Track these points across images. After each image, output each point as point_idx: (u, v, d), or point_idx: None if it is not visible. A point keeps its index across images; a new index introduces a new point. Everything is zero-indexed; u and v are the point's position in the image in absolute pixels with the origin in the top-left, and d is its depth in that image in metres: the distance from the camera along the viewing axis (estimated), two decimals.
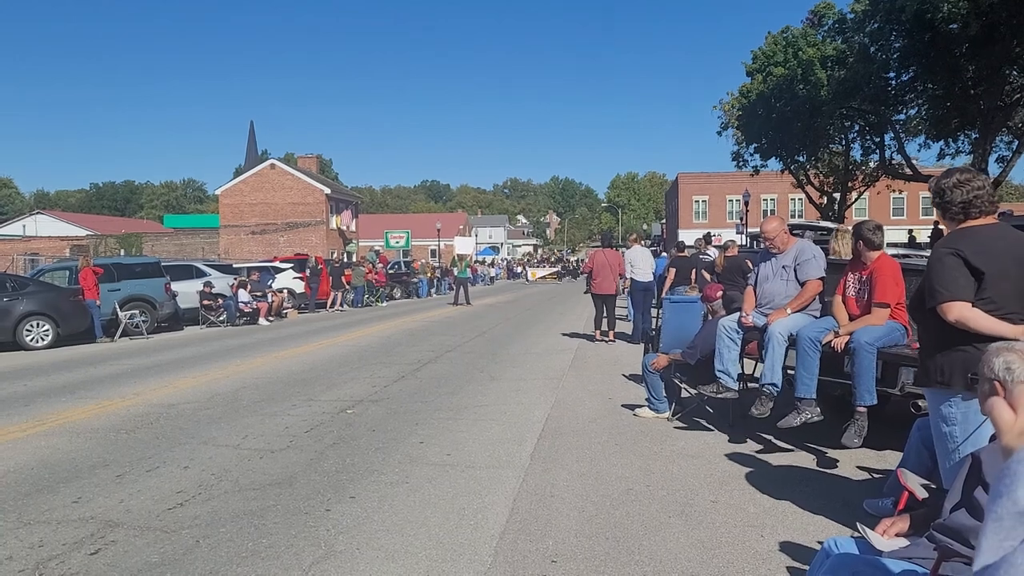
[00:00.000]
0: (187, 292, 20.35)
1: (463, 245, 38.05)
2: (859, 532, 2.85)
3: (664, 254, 19.80)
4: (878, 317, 5.43)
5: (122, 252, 42.91)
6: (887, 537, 2.72)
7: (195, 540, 4.33)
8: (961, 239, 3.46)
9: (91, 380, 10.71)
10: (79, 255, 19.13)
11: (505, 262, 78.87)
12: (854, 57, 25.33)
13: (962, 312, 3.36)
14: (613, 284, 14.01)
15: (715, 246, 15.25)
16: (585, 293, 15.06)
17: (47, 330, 15.68)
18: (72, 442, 6.84)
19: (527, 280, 55.02)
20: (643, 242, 19.19)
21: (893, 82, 25.44)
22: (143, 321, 17.79)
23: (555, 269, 59.40)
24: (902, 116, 29.44)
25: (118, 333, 16.94)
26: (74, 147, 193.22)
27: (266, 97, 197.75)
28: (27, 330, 15.45)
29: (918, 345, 5.29)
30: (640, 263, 14.67)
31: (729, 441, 6.56)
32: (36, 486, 5.48)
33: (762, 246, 6.84)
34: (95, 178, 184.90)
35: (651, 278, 14.75)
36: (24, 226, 60.98)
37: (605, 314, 14.15)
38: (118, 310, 17.23)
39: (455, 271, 31.19)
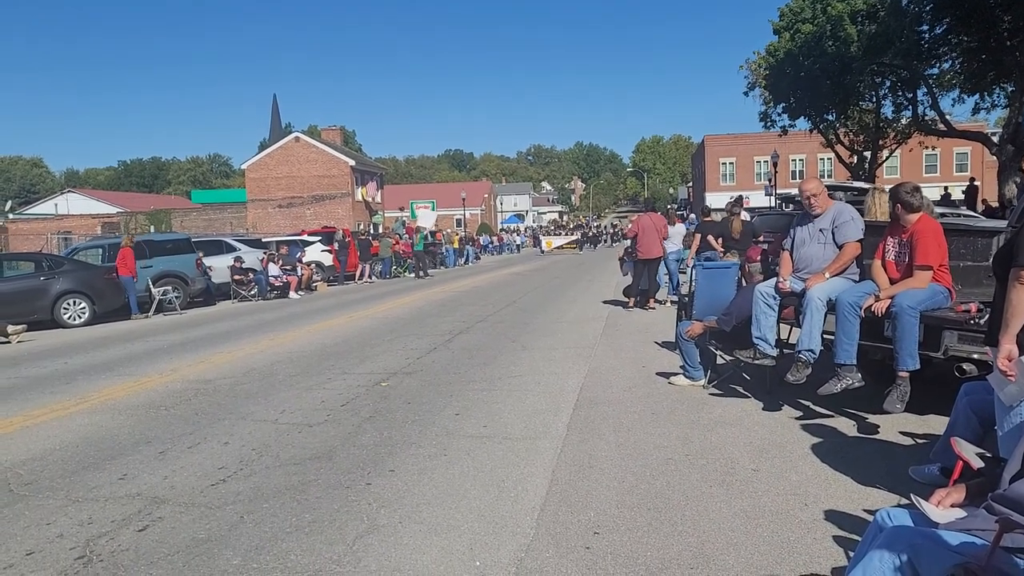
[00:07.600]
0: (218, 267, 20.67)
1: (424, 218, 37.01)
2: (909, 501, 2.79)
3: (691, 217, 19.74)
4: (920, 280, 5.31)
5: (152, 228, 43.37)
6: (942, 508, 2.65)
7: (239, 516, 4.38)
8: None
9: (129, 357, 10.88)
10: (124, 233, 19.42)
11: (531, 230, 78.61)
12: (885, 10, 24.67)
13: None
14: (660, 247, 13.95)
15: (746, 209, 15.06)
16: (630, 258, 14.53)
17: (83, 308, 15.97)
18: (114, 419, 6.95)
19: (541, 251, 49.60)
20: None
21: (926, 35, 24.73)
22: (176, 297, 18.00)
23: (574, 237, 55.39)
24: (935, 70, 28.65)
25: (152, 309, 17.18)
26: (102, 126, 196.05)
27: (288, 70, 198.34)
28: (64, 308, 15.75)
29: (961, 307, 5.23)
30: (675, 237, 15.68)
31: (767, 408, 6.49)
32: (82, 463, 5.57)
33: (790, 208, 6.71)
34: (123, 155, 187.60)
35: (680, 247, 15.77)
36: (56, 204, 61.95)
37: (647, 280, 14.00)
38: (151, 287, 17.47)
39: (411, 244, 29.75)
